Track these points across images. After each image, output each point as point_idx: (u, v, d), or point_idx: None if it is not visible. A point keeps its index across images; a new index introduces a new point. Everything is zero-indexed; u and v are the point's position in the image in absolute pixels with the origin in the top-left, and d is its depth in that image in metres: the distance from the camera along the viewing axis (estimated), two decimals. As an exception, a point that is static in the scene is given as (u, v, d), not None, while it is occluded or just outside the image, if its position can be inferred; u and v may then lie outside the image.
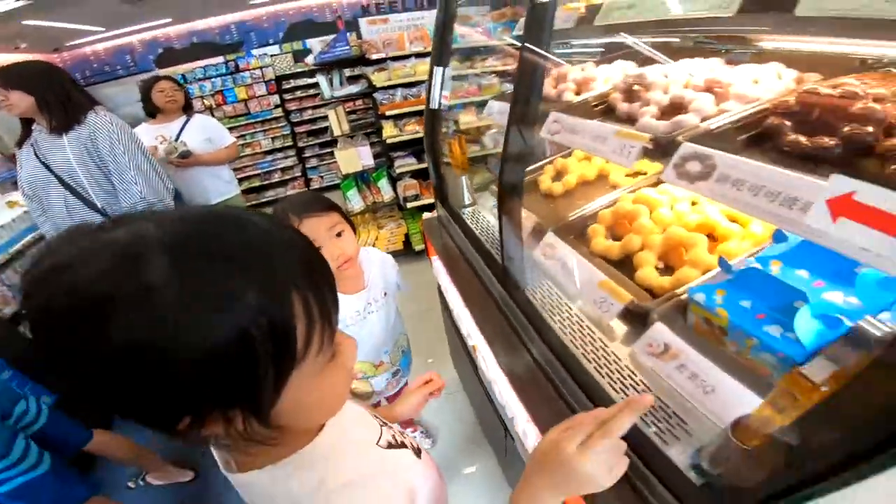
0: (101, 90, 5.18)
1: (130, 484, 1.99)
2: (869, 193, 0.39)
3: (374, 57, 3.45)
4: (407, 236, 3.63)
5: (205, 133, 2.66)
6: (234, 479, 0.53)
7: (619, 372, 0.89)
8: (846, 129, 0.62)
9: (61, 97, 1.75)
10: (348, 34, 3.74)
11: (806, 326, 0.69)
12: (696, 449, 0.71)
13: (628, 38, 1.16)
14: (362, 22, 4.32)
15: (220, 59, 5.57)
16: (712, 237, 0.99)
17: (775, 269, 0.80)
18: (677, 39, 1.18)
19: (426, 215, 1.84)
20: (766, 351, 0.74)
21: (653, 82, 0.97)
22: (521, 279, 1.14)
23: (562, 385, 0.94)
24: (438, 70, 1.53)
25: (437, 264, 1.59)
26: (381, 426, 0.67)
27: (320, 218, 1.14)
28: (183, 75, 5.33)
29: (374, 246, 3.56)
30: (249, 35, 5.78)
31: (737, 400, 0.70)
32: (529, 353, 1.06)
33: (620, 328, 0.98)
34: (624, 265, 1.05)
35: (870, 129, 0.61)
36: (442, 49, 1.55)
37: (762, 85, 0.82)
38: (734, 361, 0.80)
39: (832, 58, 0.85)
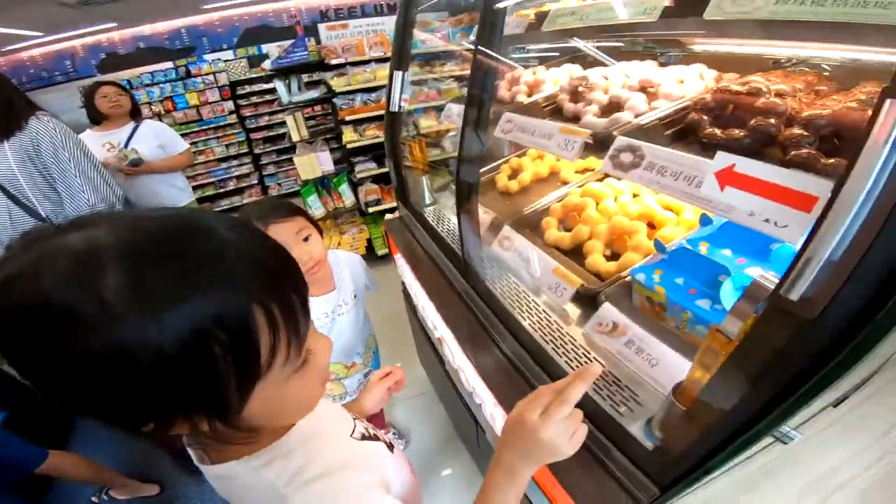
0: (38, 96, 4.84)
1: (94, 499, 1.90)
2: (745, 165, 0.47)
3: (334, 62, 3.45)
4: (369, 241, 3.63)
5: (156, 139, 2.57)
6: (208, 472, 0.53)
7: (574, 351, 0.95)
8: (753, 121, 0.71)
9: (1, 102, 1.67)
10: (307, 39, 3.72)
11: (730, 298, 0.78)
12: (648, 417, 0.77)
13: (578, 43, 1.24)
14: (321, 27, 4.29)
15: (170, 64, 5.38)
16: (651, 225, 1.08)
17: (704, 249, 0.89)
18: (618, 44, 1.28)
19: (388, 216, 1.87)
20: (700, 323, 0.82)
21: (595, 83, 1.05)
22: (481, 271, 1.20)
23: (524, 367, 1.00)
24: (398, 74, 1.57)
25: (401, 262, 1.62)
26: (354, 419, 0.69)
27: (286, 223, 1.12)
28: (128, 81, 5.10)
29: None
30: (201, 40, 5.61)
31: (679, 371, 0.77)
32: (492, 341, 1.11)
33: (574, 311, 1.05)
34: (575, 253, 1.13)
35: (772, 120, 0.70)
36: (401, 54, 1.60)
37: (686, 84, 0.91)
38: (674, 336, 0.88)
39: (748, 58, 0.96)
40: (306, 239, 1.17)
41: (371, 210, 3.51)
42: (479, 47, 1.08)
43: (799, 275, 0.35)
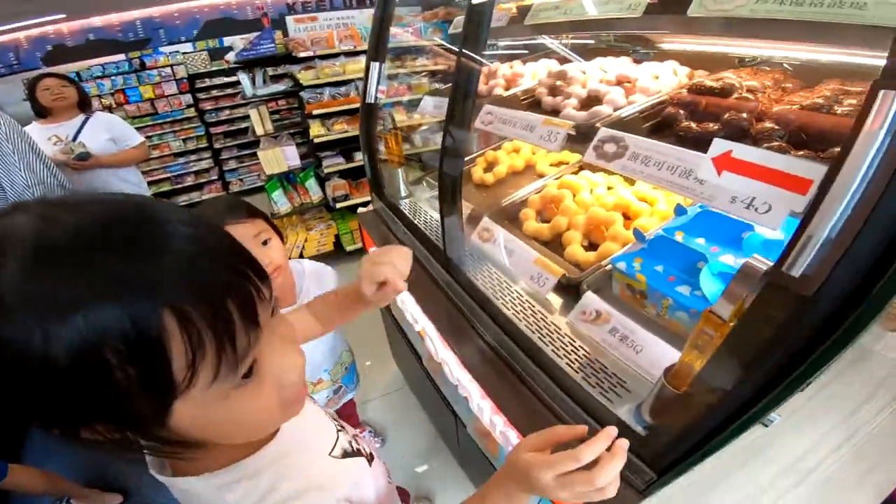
0: (-23, 90, 4.56)
1: None
2: (741, 150, 0.50)
3: (302, 55, 3.36)
4: (337, 237, 3.57)
5: (107, 133, 2.42)
6: (167, 483, 0.49)
7: (560, 340, 0.97)
8: (726, 115, 0.74)
9: None
10: (274, 32, 3.62)
11: (708, 284, 0.82)
12: (636, 403, 0.78)
13: (549, 40, 1.26)
14: (289, 20, 4.18)
15: (122, 56, 5.10)
16: (627, 216, 1.11)
17: (679, 238, 0.92)
18: (589, 41, 1.31)
19: (362, 209, 1.84)
20: (680, 309, 0.85)
21: (573, 78, 1.08)
22: (462, 262, 1.20)
23: (511, 357, 1.01)
24: (375, 65, 1.55)
25: (378, 257, 1.60)
26: (338, 431, 0.66)
27: (244, 225, 1.04)
28: (77, 73, 4.82)
29: (303, 248, 3.46)
30: (158, 32, 5.37)
31: (663, 357, 0.80)
32: (476, 332, 1.11)
33: (557, 301, 1.07)
34: (554, 244, 1.15)
35: (744, 115, 0.74)
36: (378, 45, 1.57)
37: (661, 80, 0.94)
38: (655, 323, 0.91)
39: (717, 56, 1.01)
40: (265, 243, 1.08)
41: (339, 206, 3.44)
42: (465, 42, 1.06)
43: (801, 251, 0.37)
